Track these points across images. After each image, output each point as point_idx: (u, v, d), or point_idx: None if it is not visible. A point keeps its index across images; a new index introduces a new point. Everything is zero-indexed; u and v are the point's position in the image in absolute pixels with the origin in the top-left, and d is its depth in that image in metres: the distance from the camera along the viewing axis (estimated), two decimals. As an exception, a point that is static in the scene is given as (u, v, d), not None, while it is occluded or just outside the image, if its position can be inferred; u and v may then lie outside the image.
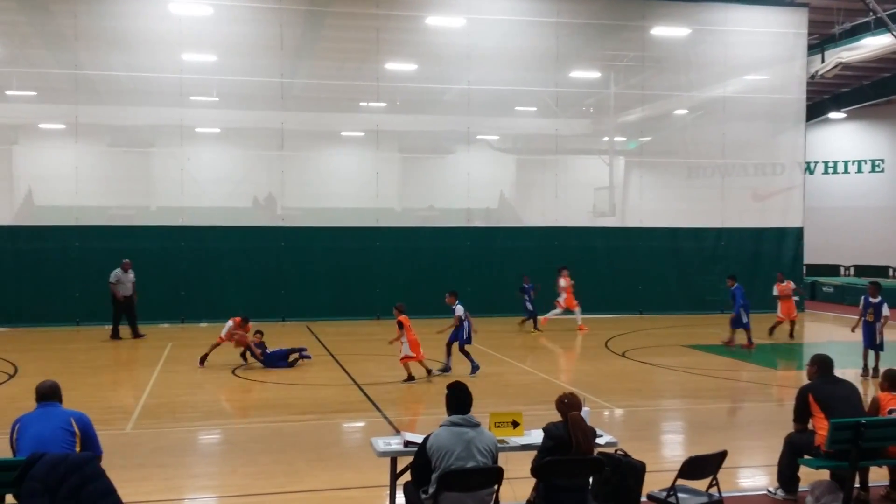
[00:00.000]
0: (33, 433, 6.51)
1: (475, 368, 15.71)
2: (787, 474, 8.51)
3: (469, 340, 16.05)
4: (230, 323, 16.63)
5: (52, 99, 24.90)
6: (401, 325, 15.02)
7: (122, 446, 10.40)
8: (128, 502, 6.45)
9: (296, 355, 16.88)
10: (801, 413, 8.41)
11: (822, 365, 8.56)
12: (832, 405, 8.12)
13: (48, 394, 6.84)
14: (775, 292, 21.68)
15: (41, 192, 24.40)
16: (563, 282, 22.62)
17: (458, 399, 6.81)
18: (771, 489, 8.66)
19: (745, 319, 19.28)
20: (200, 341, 19.68)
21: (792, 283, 22.19)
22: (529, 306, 22.26)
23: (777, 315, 21.44)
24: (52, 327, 22.57)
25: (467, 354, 15.94)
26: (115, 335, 20.59)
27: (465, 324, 15.90)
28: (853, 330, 16.06)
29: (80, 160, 23.92)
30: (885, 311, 15.64)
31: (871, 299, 15.67)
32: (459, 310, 15.96)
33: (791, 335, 21.40)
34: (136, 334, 20.81)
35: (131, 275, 20.75)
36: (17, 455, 6.50)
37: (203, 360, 16.66)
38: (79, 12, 23.19)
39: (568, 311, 22.64)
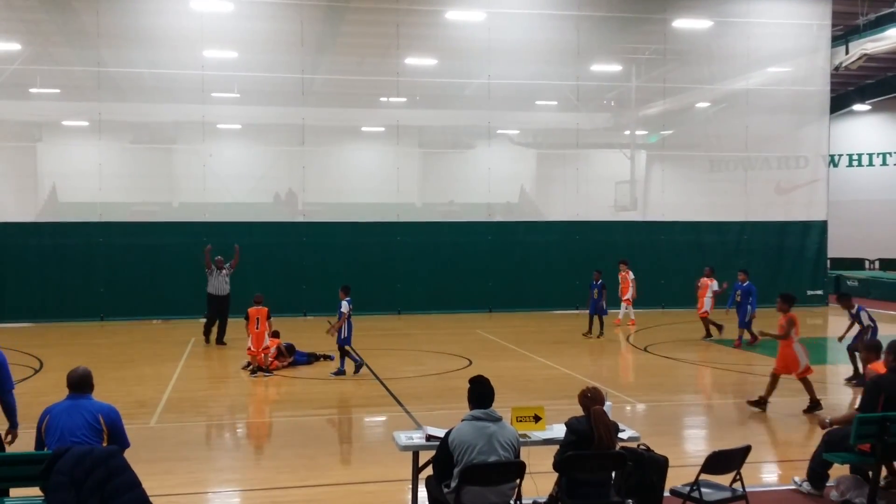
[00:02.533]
0: (61, 428, 6.50)
1: (359, 365, 15.28)
2: (817, 471, 8.37)
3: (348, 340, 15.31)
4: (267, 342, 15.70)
5: (76, 96, 25.10)
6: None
7: (146, 440, 10.48)
8: (153, 496, 6.49)
9: (320, 360, 16.73)
10: (868, 406, 7.90)
11: None
12: None
13: (79, 383, 6.74)
14: (699, 284, 20.58)
15: (65, 189, 24.63)
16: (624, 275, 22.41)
17: (480, 393, 6.81)
18: (797, 479, 8.57)
19: (747, 317, 18.71)
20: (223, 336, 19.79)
21: (715, 281, 20.43)
22: (603, 305, 20.30)
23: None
24: (77, 322, 22.79)
25: (349, 353, 15.36)
26: (207, 338, 19.35)
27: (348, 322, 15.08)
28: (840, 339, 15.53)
29: (103, 157, 24.10)
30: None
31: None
32: (345, 306, 15.23)
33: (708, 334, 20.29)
34: (220, 340, 19.11)
35: (224, 272, 19.19)
36: (43, 446, 6.55)
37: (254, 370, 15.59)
38: (101, 10, 23.34)
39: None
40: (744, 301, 18.77)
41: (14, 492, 6.81)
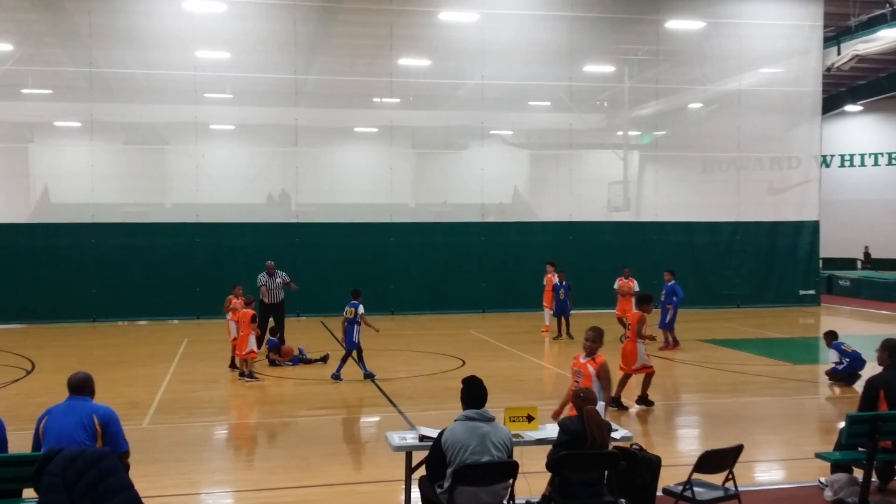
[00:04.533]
0: (56, 427, 6.56)
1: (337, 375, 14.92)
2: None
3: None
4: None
5: (67, 97, 25.06)
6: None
7: (138, 441, 10.41)
8: (145, 497, 6.48)
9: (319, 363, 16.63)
10: (868, 404, 8.03)
11: (893, 351, 8.33)
12: None
13: (78, 386, 6.88)
14: (616, 286, 19.88)
15: (57, 190, 24.58)
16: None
17: (473, 394, 6.81)
18: (823, 480, 8.53)
19: (669, 318, 18.42)
20: (216, 337, 19.77)
21: (635, 281, 19.78)
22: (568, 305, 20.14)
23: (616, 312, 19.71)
24: (69, 324, 22.74)
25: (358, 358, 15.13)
26: (259, 345, 17.96)
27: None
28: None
29: (95, 158, 24.05)
30: None
31: None
32: (361, 308, 14.94)
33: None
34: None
35: (279, 278, 18.17)
36: (41, 446, 6.57)
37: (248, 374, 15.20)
38: (93, 10, 23.30)
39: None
40: (667, 301, 18.50)
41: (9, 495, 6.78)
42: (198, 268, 23.89)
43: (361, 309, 14.83)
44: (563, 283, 20.23)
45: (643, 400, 12.61)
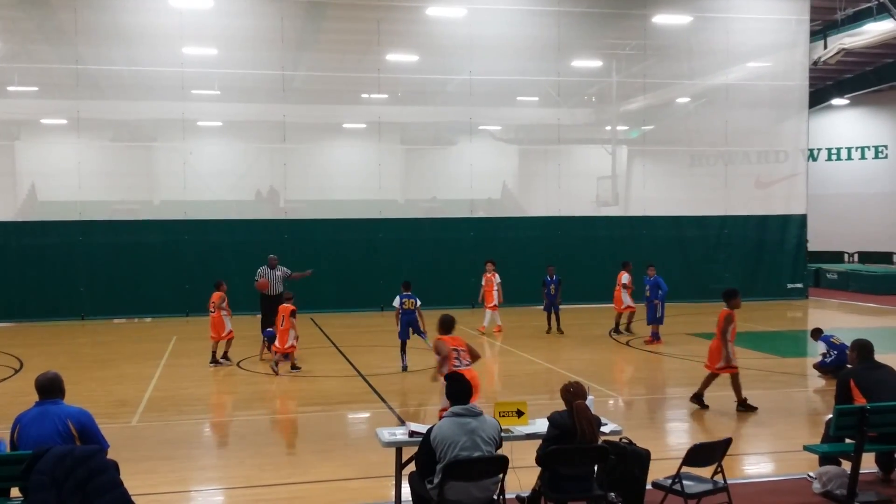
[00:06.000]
0: (32, 437, 6.40)
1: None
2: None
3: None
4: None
5: (54, 94, 24.92)
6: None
7: (128, 439, 10.44)
8: (135, 495, 6.46)
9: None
10: (843, 398, 8.25)
11: (861, 350, 8.55)
12: (873, 390, 8.09)
13: (48, 388, 6.64)
14: (625, 280, 19.77)
15: (44, 188, 24.45)
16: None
17: (457, 390, 6.82)
18: (812, 474, 8.58)
19: (660, 313, 18.49)
20: (205, 334, 19.69)
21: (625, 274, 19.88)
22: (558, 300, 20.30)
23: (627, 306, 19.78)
24: (57, 322, 22.65)
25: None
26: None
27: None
28: None
29: (82, 155, 23.94)
30: None
31: None
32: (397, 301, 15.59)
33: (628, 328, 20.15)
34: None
35: (279, 271, 18.40)
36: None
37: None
38: (79, 7, 23.17)
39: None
40: (652, 296, 18.55)
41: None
42: (186, 265, 23.81)
43: (419, 301, 15.50)
44: (554, 277, 20.26)
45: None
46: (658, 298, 18.48)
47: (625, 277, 19.84)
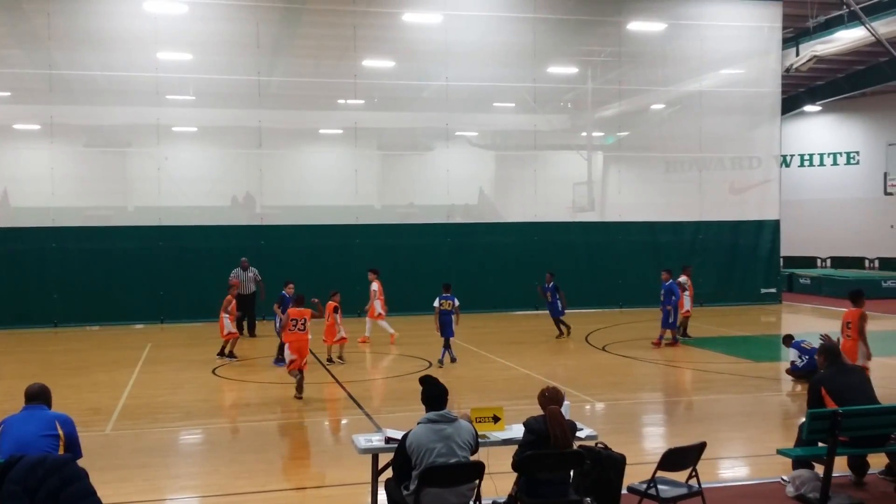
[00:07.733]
0: (16, 436, 6.49)
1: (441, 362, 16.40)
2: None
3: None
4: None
5: (27, 99, 24.67)
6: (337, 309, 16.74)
7: (101, 447, 10.34)
8: (109, 503, 6.40)
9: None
10: (815, 404, 8.32)
11: (828, 353, 8.63)
12: (844, 395, 8.16)
13: (36, 395, 6.86)
14: (686, 285, 19.80)
15: (17, 194, 24.15)
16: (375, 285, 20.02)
17: (432, 395, 6.82)
18: (785, 478, 8.65)
19: (672, 318, 18.62)
20: (180, 341, 19.62)
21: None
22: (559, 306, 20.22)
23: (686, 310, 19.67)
24: (30, 329, 22.39)
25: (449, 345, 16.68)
26: (240, 330, 18.98)
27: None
28: None
29: (55, 161, 23.73)
30: None
31: None
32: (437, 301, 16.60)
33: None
34: (252, 333, 20.72)
35: (252, 273, 20.78)
36: (1, 456, 6.47)
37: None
38: (52, 11, 22.95)
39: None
40: (666, 300, 18.65)
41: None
42: (161, 272, 23.64)
43: (457, 301, 16.47)
44: (551, 284, 20.26)
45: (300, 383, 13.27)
46: (671, 304, 18.56)
47: (682, 279, 19.77)
